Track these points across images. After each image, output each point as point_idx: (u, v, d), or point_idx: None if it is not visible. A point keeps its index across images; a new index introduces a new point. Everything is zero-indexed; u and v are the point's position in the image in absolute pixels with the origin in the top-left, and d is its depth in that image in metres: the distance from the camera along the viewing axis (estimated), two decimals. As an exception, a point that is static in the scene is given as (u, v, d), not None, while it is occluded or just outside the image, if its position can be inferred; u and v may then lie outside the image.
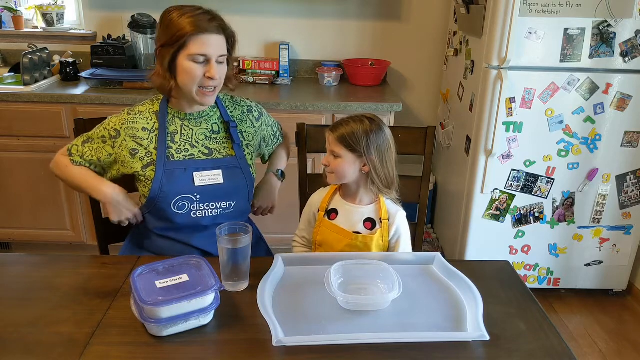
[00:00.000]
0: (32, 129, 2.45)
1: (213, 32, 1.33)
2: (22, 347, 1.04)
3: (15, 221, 2.64)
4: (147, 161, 1.42)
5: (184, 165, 1.42)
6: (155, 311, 1.04)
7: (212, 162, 1.46)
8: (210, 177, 1.44)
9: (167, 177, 1.40)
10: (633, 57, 2.15)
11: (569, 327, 2.38)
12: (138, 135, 1.42)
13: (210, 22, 1.33)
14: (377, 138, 1.36)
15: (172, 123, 1.45)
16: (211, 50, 1.34)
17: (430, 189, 2.95)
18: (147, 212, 1.46)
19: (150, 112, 1.45)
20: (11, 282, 1.28)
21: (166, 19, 1.35)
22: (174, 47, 1.32)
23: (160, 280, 1.11)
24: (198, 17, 1.32)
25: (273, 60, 2.88)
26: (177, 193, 1.41)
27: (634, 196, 2.38)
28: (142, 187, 1.44)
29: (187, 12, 1.33)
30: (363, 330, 1.10)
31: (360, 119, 1.38)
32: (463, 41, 2.53)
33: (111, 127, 1.42)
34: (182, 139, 1.45)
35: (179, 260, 1.20)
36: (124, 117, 1.43)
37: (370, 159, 1.36)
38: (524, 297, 1.25)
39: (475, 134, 2.31)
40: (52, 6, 2.84)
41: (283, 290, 1.23)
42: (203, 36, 1.32)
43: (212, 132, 1.48)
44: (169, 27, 1.33)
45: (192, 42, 1.31)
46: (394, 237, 1.46)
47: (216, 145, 1.48)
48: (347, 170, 1.38)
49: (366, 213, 1.44)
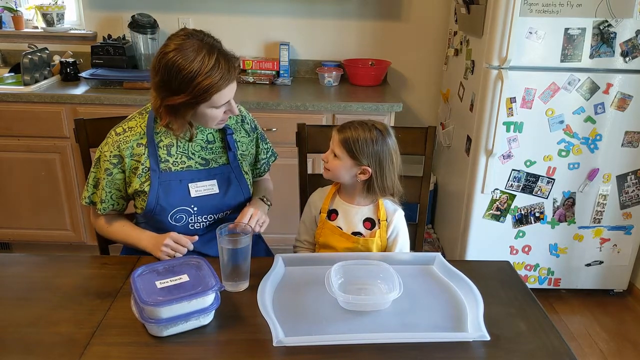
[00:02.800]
0: (32, 129, 2.45)
1: (233, 81, 1.30)
2: (22, 347, 1.04)
3: (15, 221, 2.64)
4: (144, 177, 1.39)
5: (178, 177, 1.41)
6: (156, 311, 1.03)
7: (207, 171, 1.44)
8: (206, 187, 1.43)
9: (164, 190, 1.39)
10: (633, 57, 2.15)
11: (569, 327, 2.38)
12: (135, 152, 1.38)
13: (229, 72, 1.27)
14: (379, 149, 1.36)
15: (168, 135, 1.41)
16: (231, 95, 1.33)
17: (431, 189, 2.95)
18: (144, 222, 1.45)
19: (142, 126, 1.40)
20: (11, 282, 1.27)
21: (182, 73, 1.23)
22: (196, 105, 1.28)
23: (160, 281, 1.11)
24: (217, 70, 1.25)
25: (273, 60, 2.88)
26: (174, 205, 1.40)
27: (635, 196, 2.38)
28: (140, 201, 1.41)
29: (201, 67, 1.23)
30: (363, 330, 1.10)
31: (369, 127, 1.37)
32: (463, 41, 2.53)
33: (109, 155, 1.38)
34: (178, 152, 1.42)
35: (179, 260, 1.20)
36: (115, 140, 1.38)
37: (364, 169, 1.37)
38: (524, 297, 1.25)
39: (476, 134, 2.31)
40: (52, 6, 2.84)
41: (283, 290, 1.23)
42: (226, 89, 1.29)
43: (208, 142, 1.46)
44: (186, 87, 1.24)
45: (217, 97, 1.28)
46: (391, 235, 1.47)
47: (212, 155, 1.46)
48: (342, 173, 1.39)
49: (365, 213, 1.45)
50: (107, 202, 1.42)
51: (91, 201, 1.44)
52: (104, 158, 1.39)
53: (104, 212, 1.43)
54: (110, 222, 1.46)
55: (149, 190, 1.38)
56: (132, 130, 1.39)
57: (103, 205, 1.42)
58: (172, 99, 1.27)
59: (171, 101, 1.28)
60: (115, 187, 1.41)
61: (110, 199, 1.42)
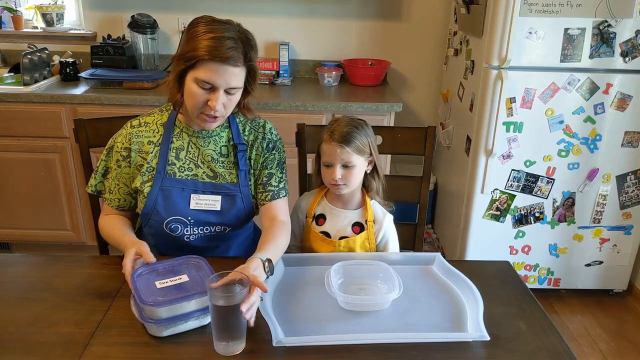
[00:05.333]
0: (32, 129, 2.45)
1: (228, 64, 1.21)
2: (22, 347, 1.04)
3: (15, 221, 2.64)
4: (147, 177, 1.35)
5: (182, 184, 1.35)
6: (155, 311, 1.03)
7: (214, 186, 1.36)
8: (208, 202, 1.36)
9: (163, 195, 1.34)
10: (633, 57, 2.15)
11: (569, 327, 2.38)
12: (144, 149, 1.35)
13: (230, 50, 1.20)
14: (372, 134, 1.42)
15: (180, 138, 1.37)
16: (220, 81, 1.22)
17: (431, 189, 2.94)
18: (143, 223, 1.42)
19: (158, 124, 1.37)
20: (11, 282, 1.27)
21: (192, 29, 1.24)
22: (185, 63, 1.23)
23: (160, 281, 1.11)
24: (220, 41, 1.20)
25: (273, 60, 2.88)
26: (171, 214, 1.34)
27: (634, 196, 2.38)
28: (140, 202, 1.38)
29: (212, 31, 1.21)
30: (363, 330, 1.10)
31: (353, 121, 1.41)
32: (463, 41, 2.53)
33: (120, 147, 1.36)
34: (187, 157, 1.37)
35: (179, 260, 1.20)
36: (129, 132, 1.36)
37: (371, 159, 1.42)
38: (524, 297, 1.25)
39: (476, 134, 2.31)
40: (52, 6, 2.84)
41: (283, 290, 1.23)
42: (215, 64, 1.20)
43: (220, 155, 1.39)
44: (189, 41, 1.23)
45: (202, 67, 1.21)
46: (381, 241, 1.47)
47: (222, 169, 1.38)
48: (359, 177, 1.42)
49: (354, 217, 1.45)
50: (114, 193, 1.40)
51: (97, 190, 1.42)
52: (116, 149, 1.38)
53: (111, 203, 1.41)
54: (106, 224, 1.40)
55: (148, 192, 1.34)
56: (147, 126, 1.37)
57: (111, 195, 1.40)
58: (177, 51, 1.27)
59: (175, 57, 1.27)
60: (123, 182, 1.39)
61: (117, 192, 1.40)
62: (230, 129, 1.40)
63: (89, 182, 1.44)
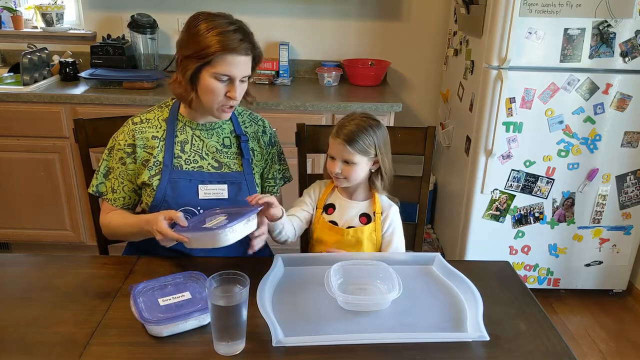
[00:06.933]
0: (32, 129, 2.45)
1: (241, 54, 1.28)
2: (22, 347, 1.04)
3: (15, 221, 2.64)
4: (155, 170, 1.38)
5: (189, 176, 1.39)
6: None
7: (220, 175, 1.42)
8: (215, 192, 1.40)
9: (172, 187, 1.37)
10: (633, 57, 2.15)
11: (569, 327, 2.38)
12: (149, 144, 1.38)
13: (240, 42, 1.26)
14: (383, 136, 1.42)
15: (183, 132, 1.41)
16: (236, 72, 1.29)
17: (430, 189, 2.95)
18: None
19: (160, 119, 1.41)
20: (11, 282, 1.27)
21: (194, 28, 1.27)
22: (199, 61, 1.27)
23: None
24: (229, 35, 1.25)
25: (273, 60, 2.88)
26: (180, 205, 1.37)
27: (634, 196, 2.38)
28: (147, 196, 1.40)
29: (217, 26, 1.26)
30: (363, 330, 1.10)
31: (365, 121, 1.40)
32: (463, 41, 2.53)
33: (123, 144, 1.38)
34: (192, 149, 1.41)
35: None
36: (131, 128, 1.39)
37: (381, 158, 1.42)
38: (524, 297, 1.25)
39: (475, 134, 2.31)
40: (52, 6, 2.83)
41: (283, 290, 1.23)
42: (230, 56, 1.26)
43: (224, 146, 1.45)
44: (196, 39, 1.26)
45: (219, 62, 1.26)
46: (387, 230, 1.47)
47: (226, 159, 1.44)
48: (362, 174, 1.42)
49: (362, 208, 1.47)
50: (118, 192, 1.41)
51: (98, 190, 1.43)
52: (118, 147, 1.39)
53: (114, 203, 1.41)
54: (113, 218, 1.42)
55: (157, 185, 1.37)
56: (149, 122, 1.41)
57: (114, 195, 1.41)
58: (183, 51, 1.29)
59: (182, 53, 1.29)
60: (127, 179, 1.40)
61: (122, 191, 1.41)
62: (232, 121, 1.48)
63: (90, 183, 1.45)
